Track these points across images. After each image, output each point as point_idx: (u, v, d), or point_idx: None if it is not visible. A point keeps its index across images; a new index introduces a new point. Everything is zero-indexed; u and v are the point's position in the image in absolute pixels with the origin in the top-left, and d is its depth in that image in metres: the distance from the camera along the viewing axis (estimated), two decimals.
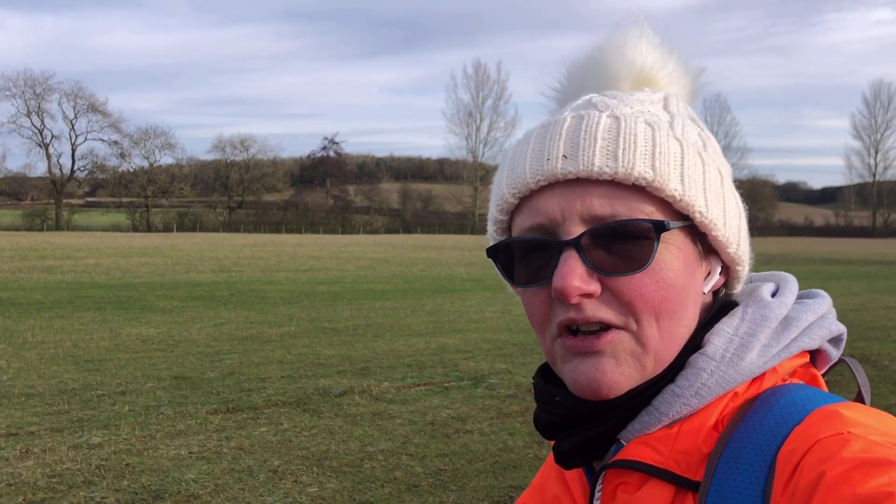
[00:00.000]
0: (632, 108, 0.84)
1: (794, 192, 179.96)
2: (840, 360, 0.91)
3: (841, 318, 0.91)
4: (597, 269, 0.78)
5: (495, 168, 0.92)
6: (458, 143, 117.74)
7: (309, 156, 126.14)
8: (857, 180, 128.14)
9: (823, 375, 0.89)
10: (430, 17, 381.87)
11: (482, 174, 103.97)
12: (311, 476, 5.37)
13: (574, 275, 0.77)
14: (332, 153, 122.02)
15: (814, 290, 0.93)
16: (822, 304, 0.89)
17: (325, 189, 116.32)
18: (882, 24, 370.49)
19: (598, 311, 0.79)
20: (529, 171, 0.81)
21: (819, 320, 0.87)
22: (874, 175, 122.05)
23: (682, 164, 0.81)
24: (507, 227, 0.87)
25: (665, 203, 0.80)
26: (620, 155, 0.79)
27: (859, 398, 0.87)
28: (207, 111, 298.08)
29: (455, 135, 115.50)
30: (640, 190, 0.79)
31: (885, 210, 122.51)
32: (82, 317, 13.29)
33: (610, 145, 0.79)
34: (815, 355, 0.89)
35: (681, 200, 0.80)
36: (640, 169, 0.78)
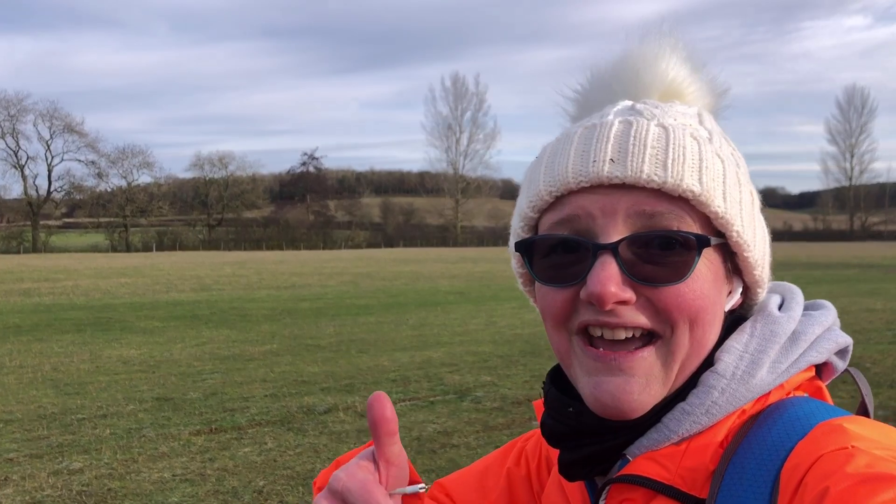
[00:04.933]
0: (675, 119, 0.83)
1: (772, 198, 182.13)
2: (843, 370, 0.91)
3: None
4: (634, 277, 0.77)
5: (476, 180, 0.90)
6: (439, 155, 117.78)
7: (289, 172, 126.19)
8: (833, 184, 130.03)
9: (827, 385, 0.88)
10: (408, 32, 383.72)
11: (463, 186, 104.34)
12: (297, 496, 5.30)
13: (612, 281, 0.75)
14: (311, 168, 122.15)
15: (819, 300, 0.93)
16: (828, 315, 0.89)
17: (305, 205, 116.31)
18: (855, 31, 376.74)
19: (637, 317, 0.77)
20: (572, 172, 0.79)
21: (826, 333, 0.87)
22: (850, 179, 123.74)
23: (724, 182, 0.80)
24: (535, 224, 0.86)
25: (705, 218, 0.79)
26: (670, 165, 0.78)
27: (862, 408, 0.87)
28: (185, 129, 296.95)
29: (435, 148, 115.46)
30: (684, 202, 0.78)
31: (862, 213, 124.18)
32: (61, 339, 13.13)
33: (659, 154, 0.78)
34: (820, 367, 0.88)
35: (722, 218, 0.79)
36: (689, 182, 0.77)
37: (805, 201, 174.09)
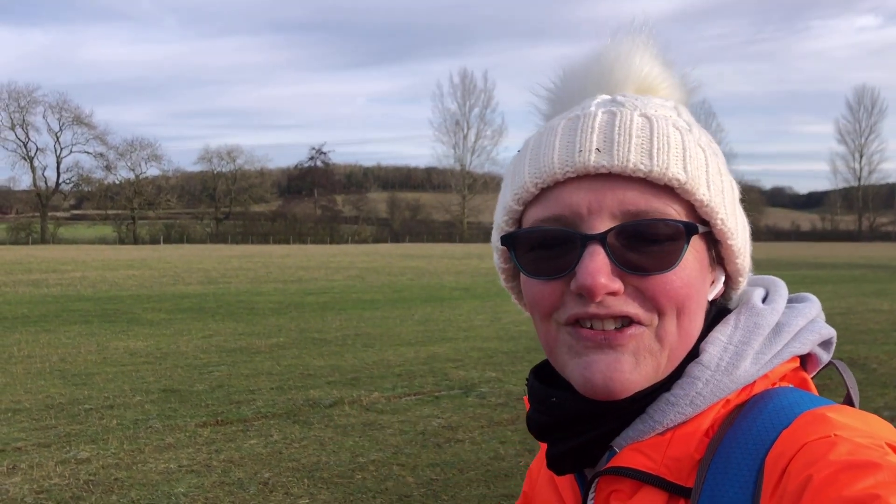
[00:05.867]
0: (656, 111, 0.84)
1: (780, 197, 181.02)
2: (829, 363, 0.91)
3: (828, 321, 0.92)
4: (623, 267, 0.77)
5: (483, 176, 0.91)
6: (446, 151, 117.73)
7: (296, 166, 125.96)
8: (842, 185, 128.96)
9: (812, 378, 0.90)
10: (416, 28, 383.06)
11: (470, 182, 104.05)
12: (302, 488, 5.34)
13: (601, 272, 0.76)
14: (319, 163, 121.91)
15: (803, 293, 0.94)
16: (812, 308, 0.90)
17: (312, 199, 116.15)
18: (866, 31, 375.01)
19: (625, 306, 0.78)
20: (558, 162, 0.80)
21: (809, 325, 0.88)
22: (859, 179, 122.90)
23: (706, 171, 0.81)
24: (519, 218, 0.86)
25: (690, 207, 0.80)
26: (655, 154, 0.78)
27: (848, 400, 0.88)
28: (194, 123, 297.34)
29: (442, 143, 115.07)
30: (670, 191, 0.79)
31: (871, 214, 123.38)
32: (69, 330, 13.19)
33: (645, 143, 0.79)
34: (805, 358, 0.89)
35: (707, 205, 0.80)
36: (674, 170, 0.78)
37: (813, 201, 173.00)
